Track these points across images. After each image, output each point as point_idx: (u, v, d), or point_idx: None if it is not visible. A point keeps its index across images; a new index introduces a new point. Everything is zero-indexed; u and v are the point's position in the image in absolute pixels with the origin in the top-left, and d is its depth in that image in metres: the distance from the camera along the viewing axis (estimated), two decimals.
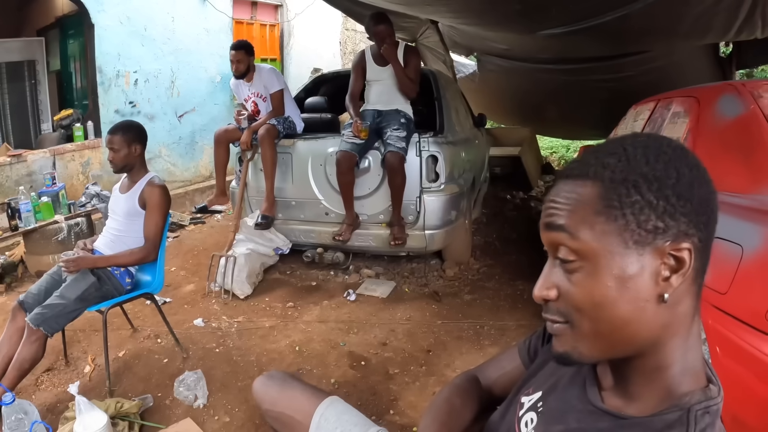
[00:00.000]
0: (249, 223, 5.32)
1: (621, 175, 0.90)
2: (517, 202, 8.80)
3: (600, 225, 0.90)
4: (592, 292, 0.92)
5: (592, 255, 0.92)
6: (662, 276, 0.90)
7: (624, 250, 0.90)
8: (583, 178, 0.94)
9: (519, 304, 4.90)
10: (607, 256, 0.90)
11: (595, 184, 0.92)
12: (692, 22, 5.04)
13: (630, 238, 0.89)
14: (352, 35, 13.15)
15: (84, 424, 2.62)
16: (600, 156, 0.95)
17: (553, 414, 1.12)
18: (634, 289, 0.90)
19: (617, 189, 0.90)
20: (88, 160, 7.13)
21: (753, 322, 2.12)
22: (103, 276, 3.40)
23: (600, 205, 0.91)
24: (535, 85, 9.22)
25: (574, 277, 0.95)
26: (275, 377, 1.91)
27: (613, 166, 0.92)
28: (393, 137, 4.88)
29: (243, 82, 5.59)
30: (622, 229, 0.89)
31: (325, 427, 1.70)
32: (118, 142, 3.49)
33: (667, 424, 0.91)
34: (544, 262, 1.00)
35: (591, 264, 0.92)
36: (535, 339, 1.46)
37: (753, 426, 2.15)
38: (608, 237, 0.90)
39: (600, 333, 0.94)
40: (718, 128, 3.17)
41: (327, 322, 4.53)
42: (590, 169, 0.94)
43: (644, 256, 0.90)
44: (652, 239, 0.89)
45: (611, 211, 0.90)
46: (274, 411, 1.82)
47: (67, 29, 7.81)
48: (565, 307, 0.97)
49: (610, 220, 0.90)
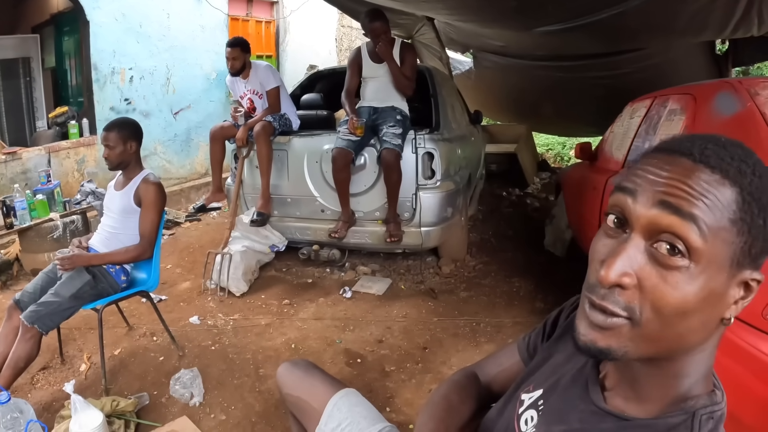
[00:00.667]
0: (245, 220, 5.31)
1: (757, 191, 0.83)
2: (513, 199, 8.81)
3: (727, 233, 0.82)
4: (686, 298, 0.83)
5: (705, 260, 0.82)
6: (734, 300, 0.87)
7: (728, 267, 0.84)
8: (723, 175, 0.83)
9: (515, 301, 4.91)
10: (716, 266, 0.83)
11: (734, 190, 0.82)
12: (688, 19, 5.04)
13: (737, 257, 0.84)
14: (348, 32, 13.13)
15: (80, 423, 2.62)
16: (735, 159, 0.85)
17: (555, 413, 1.11)
18: (714, 307, 0.86)
19: (752, 205, 0.82)
20: (83, 157, 7.11)
21: (750, 320, 2.13)
22: (99, 274, 3.39)
23: (736, 214, 0.82)
24: (531, 82, 9.22)
25: (671, 275, 0.84)
26: (299, 365, 1.96)
27: (749, 177, 0.83)
28: (389, 134, 4.88)
29: (239, 79, 5.57)
30: (738, 246, 0.83)
31: (336, 416, 1.74)
32: (114, 139, 3.48)
33: (671, 426, 0.90)
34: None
35: (699, 269, 0.83)
36: (534, 336, 1.44)
37: (750, 424, 2.15)
38: (725, 248, 0.83)
39: (663, 338, 0.88)
40: (715, 126, 3.18)
41: (323, 320, 4.53)
42: (730, 168, 0.83)
43: (734, 278, 0.85)
44: (747, 264, 0.85)
45: (742, 226, 0.82)
46: (293, 396, 1.87)
47: (62, 26, 7.80)
48: (639, 302, 0.86)
49: (738, 234, 0.82)
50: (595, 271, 0.91)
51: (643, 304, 0.85)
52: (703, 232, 0.81)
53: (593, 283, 0.91)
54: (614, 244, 0.89)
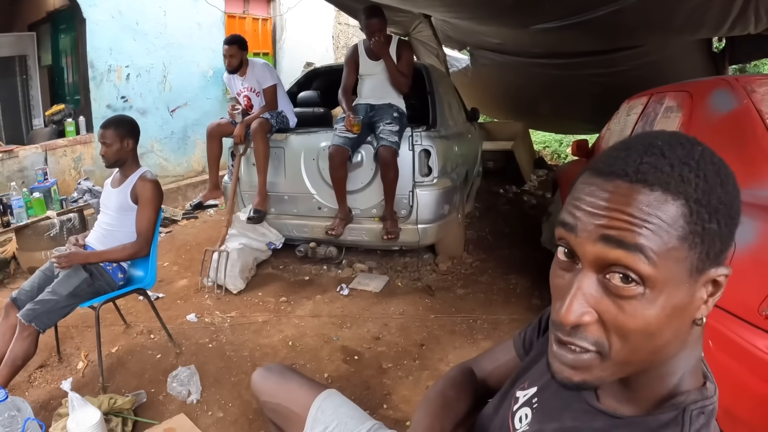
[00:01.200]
0: (242, 217, 5.32)
1: (704, 197, 0.81)
2: (509, 197, 8.81)
3: (678, 252, 0.80)
4: (648, 323, 0.82)
5: (660, 283, 0.81)
6: (703, 300, 0.86)
7: (687, 278, 0.82)
8: (663, 191, 0.80)
9: (512, 298, 4.92)
10: (673, 284, 0.81)
11: (678, 203, 0.80)
12: (685, 17, 5.04)
13: (696, 266, 0.82)
14: (345, 29, 13.12)
15: (77, 421, 2.63)
16: (674, 165, 0.82)
17: (548, 411, 1.12)
18: (681, 317, 0.85)
19: (701, 214, 0.80)
20: (80, 155, 7.10)
21: (746, 317, 2.14)
22: (96, 272, 3.40)
23: (684, 230, 0.80)
24: (528, 80, 9.23)
25: (628, 304, 0.82)
26: (274, 370, 1.92)
27: (693, 182, 0.81)
28: (386, 131, 4.88)
29: (236, 76, 5.57)
30: (694, 258, 0.81)
31: (321, 419, 1.71)
32: (111, 137, 3.48)
33: (662, 423, 0.90)
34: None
35: (655, 293, 0.81)
36: (530, 331, 1.44)
37: (745, 420, 2.16)
38: (680, 264, 0.81)
39: (636, 360, 0.87)
40: (711, 123, 3.19)
41: (320, 317, 4.54)
42: (671, 180, 0.80)
43: (697, 282, 0.84)
44: (709, 267, 0.83)
45: (694, 239, 0.80)
46: (272, 403, 1.83)
47: (59, 24, 7.78)
48: (603, 336, 0.86)
49: (691, 248, 0.81)
50: (556, 310, 0.90)
51: (609, 336, 0.85)
52: (651, 259, 0.79)
53: (558, 321, 0.89)
54: (569, 278, 0.89)
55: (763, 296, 2.06)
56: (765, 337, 2.04)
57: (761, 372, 2.03)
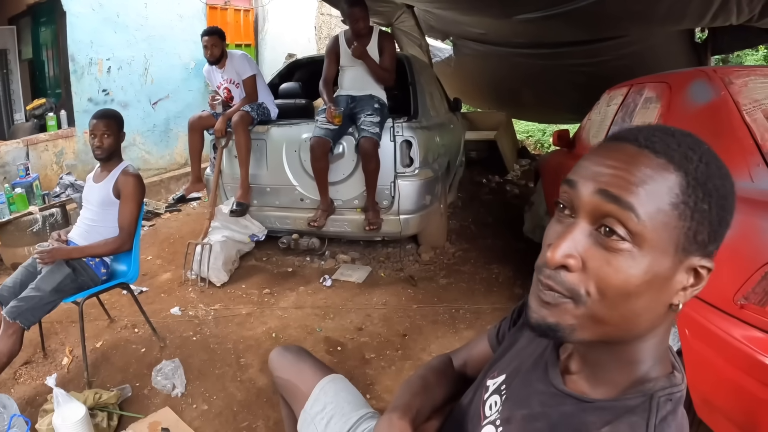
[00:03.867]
0: (224, 210, 5.32)
1: (702, 177, 0.85)
2: (492, 186, 8.85)
3: (668, 218, 0.85)
4: (629, 281, 0.86)
5: (647, 244, 0.85)
6: (683, 286, 0.89)
7: (673, 252, 0.86)
8: (667, 160, 0.86)
9: (494, 287, 4.96)
10: (658, 250, 0.85)
11: (679, 174, 0.85)
12: (668, 7, 5.08)
13: (682, 242, 0.86)
14: (327, 20, 13.09)
15: (62, 416, 2.64)
16: (682, 145, 0.88)
17: (517, 398, 1.14)
18: (660, 291, 0.88)
19: (696, 190, 0.85)
20: (61, 149, 7.06)
21: (722, 306, 2.17)
22: (79, 267, 3.40)
23: (678, 198, 0.85)
24: (511, 70, 9.24)
25: (614, 257, 0.87)
26: (291, 350, 2.01)
27: (695, 163, 0.86)
28: (367, 122, 4.90)
29: (215, 68, 5.56)
30: (682, 231, 0.85)
31: (321, 399, 1.78)
32: (110, 127, 3.50)
33: (630, 408, 0.92)
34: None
35: (640, 252, 0.85)
36: (504, 323, 1.48)
37: (722, 407, 2.20)
38: (668, 233, 0.85)
39: (609, 319, 0.90)
40: (689, 114, 3.22)
41: (303, 308, 4.57)
42: (675, 153, 0.86)
43: (682, 264, 0.88)
44: (694, 251, 0.87)
45: (684, 210, 0.85)
46: (283, 379, 1.92)
47: (39, 17, 7.70)
48: (584, 284, 0.89)
49: (679, 218, 0.85)
50: (543, 254, 0.95)
51: (588, 284, 0.88)
52: (640, 217, 0.84)
53: (542, 264, 0.94)
54: (562, 228, 0.93)
55: (738, 286, 2.10)
56: (740, 327, 2.08)
57: (737, 361, 2.07)
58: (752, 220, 2.20)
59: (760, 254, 2.06)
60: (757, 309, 2.02)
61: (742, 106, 2.79)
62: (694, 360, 2.33)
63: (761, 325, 2.00)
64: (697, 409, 2.34)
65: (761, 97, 2.83)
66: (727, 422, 2.18)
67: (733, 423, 2.14)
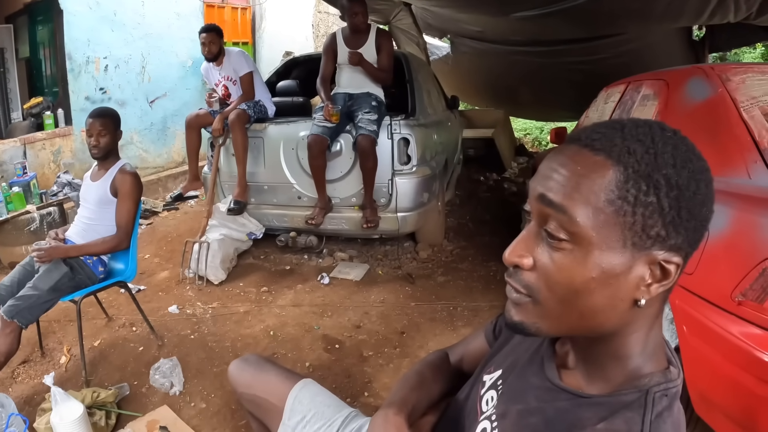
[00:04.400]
0: (222, 208, 5.32)
1: (646, 169, 0.83)
2: (490, 184, 8.85)
3: (606, 215, 0.84)
4: (573, 278, 0.88)
5: (586, 242, 0.86)
6: (645, 282, 0.88)
7: (620, 247, 0.85)
8: (604, 156, 0.86)
9: (492, 285, 4.95)
10: (602, 247, 0.85)
11: (617, 169, 0.84)
12: (666, 5, 5.08)
13: (630, 238, 0.85)
14: (325, 18, 13.08)
15: (60, 415, 2.64)
16: (627, 139, 0.86)
17: (513, 393, 1.14)
18: (615, 287, 0.88)
19: (638, 183, 0.83)
20: (59, 148, 7.05)
21: (719, 302, 2.18)
22: (76, 265, 3.40)
23: (614, 194, 0.84)
24: (508, 68, 9.26)
25: (557, 256, 0.89)
26: (250, 361, 1.94)
27: (639, 155, 0.84)
28: (364, 120, 4.90)
29: (213, 66, 5.57)
30: (626, 226, 0.84)
31: (298, 409, 1.74)
32: (107, 125, 3.49)
33: (625, 404, 0.92)
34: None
35: (582, 250, 0.87)
36: (501, 319, 1.48)
37: (719, 404, 2.21)
38: (609, 230, 0.85)
39: (565, 316, 0.92)
40: (687, 111, 3.22)
41: (301, 306, 4.57)
42: (614, 148, 0.85)
43: (636, 259, 0.86)
44: (650, 245, 0.86)
45: (623, 205, 0.83)
46: (249, 394, 1.86)
47: (36, 15, 7.68)
48: (536, 282, 0.93)
49: (618, 214, 0.84)
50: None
51: (538, 282, 0.92)
52: (575, 220, 0.85)
53: (504, 262, 0.98)
54: (525, 230, 0.97)
55: (736, 282, 2.10)
56: (738, 323, 2.08)
57: (734, 357, 2.07)
58: (750, 216, 2.21)
59: (758, 251, 2.06)
60: (754, 305, 2.02)
61: (740, 103, 2.79)
62: (691, 357, 2.33)
63: (759, 322, 2.01)
64: (695, 406, 2.35)
65: (759, 94, 2.83)
66: (725, 419, 2.18)
67: (731, 419, 2.14)
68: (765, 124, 2.62)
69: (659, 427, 0.89)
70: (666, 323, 2.61)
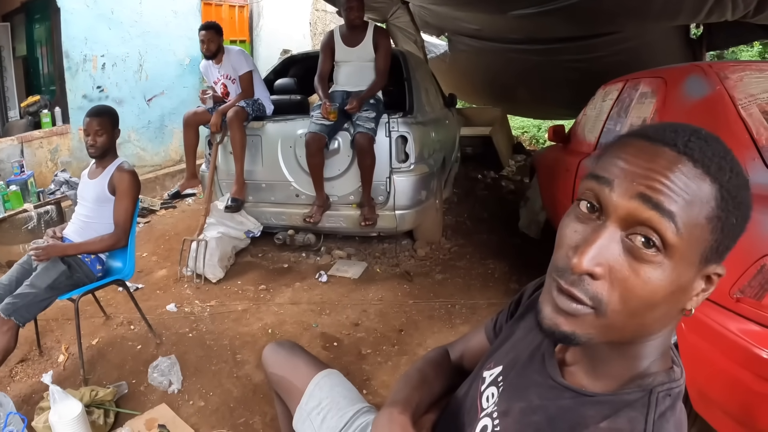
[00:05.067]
0: (219, 206, 5.31)
1: (735, 189, 0.83)
2: (488, 182, 8.84)
3: (702, 232, 0.82)
4: (655, 293, 0.84)
5: (678, 256, 0.83)
6: (697, 293, 0.88)
7: (697, 263, 0.85)
8: (705, 170, 0.82)
9: (490, 282, 4.96)
10: (686, 263, 0.84)
11: (714, 186, 0.82)
12: (663, 3, 5.09)
13: (707, 253, 0.84)
14: (323, 16, 13.07)
15: (59, 414, 2.63)
16: (716, 155, 0.84)
17: (515, 390, 1.13)
18: (680, 300, 0.88)
19: (728, 203, 0.82)
20: (56, 146, 7.04)
21: (718, 299, 2.18)
22: (74, 264, 3.38)
23: (713, 212, 0.82)
24: (506, 66, 9.26)
25: (643, 269, 0.83)
26: (285, 345, 2.00)
27: (727, 174, 0.83)
28: (362, 118, 4.90)
29: (212, 64, 5.56)
30: (711, 243, 0.83)
31: (317, 395, 1.78)
32: (104, 124, 3.47)
33: (628, 403, 0.92)
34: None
35: (671, 265, 0.83)
36: (501, 316, 1.48)
37: (718, 400, 2.21)
38: (700, 246, 0.83)
39: (627, 327, 0.89)
40: (685, 108, 3.22)
41: (299, 304, 4.57)
42: (712, 164, 0.82)
43: (701, 272, 0.86)
44: (714, 260, 0.86)
45: (717, 223, 0.82)
46: (277, 375, 1.91)
47: (33, 14, 7.67)
48: (608, 294, 0.86)
49: (712, 231, 0.83)
50: (565, 257, 0.90)
51: (611, 294, 0.85)
52: (679, 229, 0.81)
53: (563, 267, 0.90)
54: (587, 230, 0.89)
55: (734, 279, 2.10)
56: (736, 320, 2.09)
57: (733, 354, 2.08)
58: None
59: (756, 248, 2.06)
60: (753, 302, 2.02)
61: (738, 100, 2.79)
62: (690, 353, 2.33)
63: (757, 319, 2.01)
64: (694, 403, 2.35)
65: (757, 91, 2.83)
66: (724, 415, 2.19)
67: (730, 416, 2.15)
68: (763, 122, 2.62)
69: (662, 427, 0.89)
70: None
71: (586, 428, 0.93)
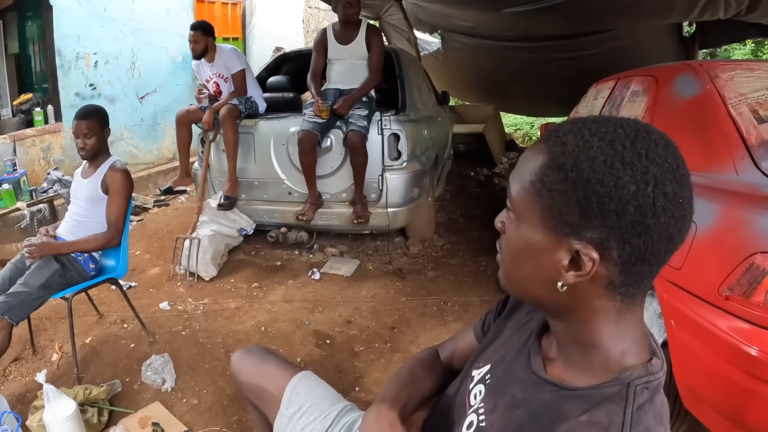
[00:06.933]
0: (212, 204, 5.32)
1: (566, 159, 0.90)
2: (480, 179, 8.84)
3: (528, 194, 0.96)
4: (510, 242, 1.04)
5: (518, 215, 1.00)
6: (563, 266, 0.94)
7: (541, 227, 0.95)
8: (545, 145, 0.95)
9: (482, 279, 4.98)
10: (528, 221, 0.98)
11: (545, 157, 0.94)
12: (655, 1, 5.11)
13: (548, 220, 0.94)
14: (315, 13, 13.06)
15: (53, 412, 2.64)
16: (572, 132, 0.93)
17: (500, 385, 1.16)
18: (538, 263, 0.98)
19: (554, 170, 0.91)
20: (49, 145, 7.03)
21: (707, 297, 2.20)
22: (67, 262, 3.39)
23: (536, 176, 0.94)
24: (499, 63, 9.25)
25: (507, 223, 1.05)
26: (253, 352, 1.98)
27: (570, 147, 0.91)
28: (354, 116, 4.91)
29: (204, 62, 5.55)
30: (544, 208, 0.94)
31: (296, 400, 1.77)
32: (93, 127, 3.45)
33: (607, 397, 0.93)
34: None
35: (516, 220, 1.01)
36: (490, 316, 1.51)
37: (707, 398, 2.23)
38: (531, 208, 0.96)
39: (511, 276, 1.07)
40: (675, 107, 3.23)
41: (292, 302, 4.57)
42: (556, 140, 0.94)
43: (558, 243, 0.94)
44: (568, 232, 0.91)
45: (540, 188, 0.93)
46: (250, 383, 1.90)
47: (25, 11, 7.64)
48: (500, 243, 1.10)
49: (537, 195, 0.94)
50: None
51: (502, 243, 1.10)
52: (511, 193, 1.01)
53: None
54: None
55: (723, 277, 2.12)
56: (725, 318, 2.11)
57: (722, 351, 2.09)
58: (737, 212, 2.23)
59: (745, 246, 2.08)
60: (741, 300, 2.04)
61: (728, 99, 2.81)
62: (679, 351, 2.35)
63: (746, 316, 2.03)
64: (684, 400, 2.37)
65: (747, 91, 2.85)
66: (713, 412, 2.21)
67: (719, 413, 2.17)
68: (752, 121, 2.64)
69: (641, 419, 0.90)
70: (654, 318, 2.63)
71: (566, 422, 0.94)
